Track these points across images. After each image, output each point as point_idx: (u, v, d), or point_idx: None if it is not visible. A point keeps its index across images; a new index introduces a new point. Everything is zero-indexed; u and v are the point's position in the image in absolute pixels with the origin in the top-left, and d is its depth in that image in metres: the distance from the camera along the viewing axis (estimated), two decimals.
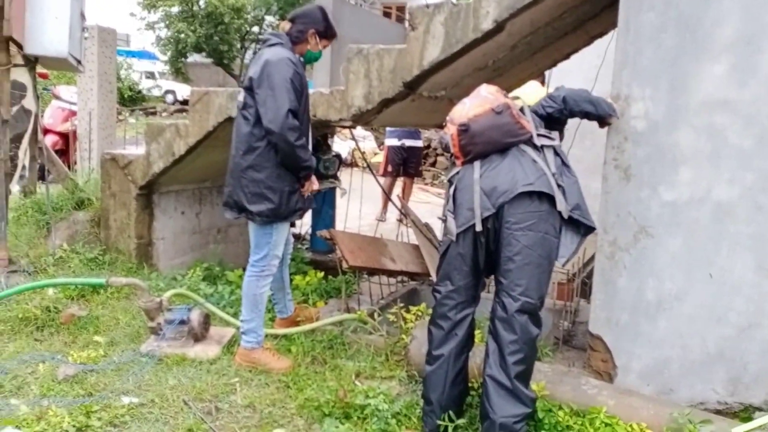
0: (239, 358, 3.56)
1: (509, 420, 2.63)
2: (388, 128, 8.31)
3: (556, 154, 2.84)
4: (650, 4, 3.14)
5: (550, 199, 2.70)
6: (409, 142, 8.16)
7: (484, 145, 2.77)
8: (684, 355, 3.21)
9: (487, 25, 3.56)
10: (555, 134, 2.94)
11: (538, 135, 2.85)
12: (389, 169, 8.17)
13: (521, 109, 2.93)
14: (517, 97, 3.00)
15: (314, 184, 3.60)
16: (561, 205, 2.70)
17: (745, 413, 3.08)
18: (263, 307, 3.60)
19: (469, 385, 3.06)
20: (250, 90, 3.37)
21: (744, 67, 2.98)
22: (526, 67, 5.25)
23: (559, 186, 2.72)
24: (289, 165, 3.39)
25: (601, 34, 5.17)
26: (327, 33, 3.61)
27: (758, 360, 3.08)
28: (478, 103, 2.81)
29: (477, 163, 2.79)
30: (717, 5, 3.00)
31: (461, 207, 2.78)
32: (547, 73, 5.97)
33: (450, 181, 2.94)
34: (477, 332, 3.12)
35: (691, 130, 3.11)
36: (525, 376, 2.71)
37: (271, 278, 3.61)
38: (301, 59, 3.54)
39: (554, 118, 3.10)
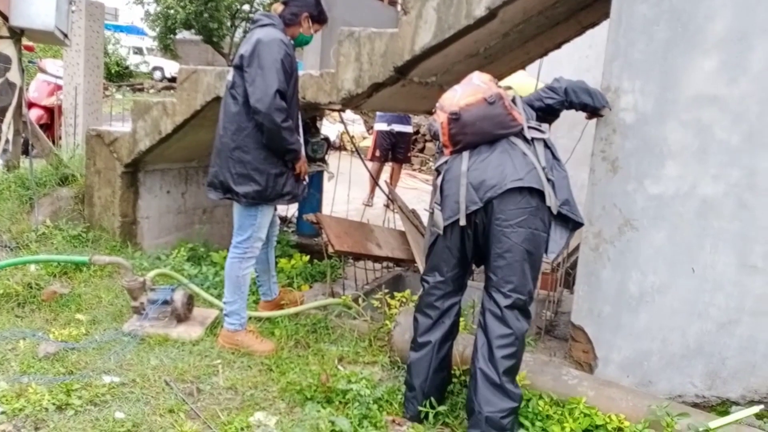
0: (222, 340, 3.55)
1: (496, 415, 2.66)
2: (377, 113, 8.27)
3: (547, 147, 2.82)
4: None
5: (540, 194, 2.69)
6: (398, 128, 8.14)
7: (474, 135, 2.74)
8: (664, 348, 3.24)
9: (479, 11, 3.54)
10: (545, 126, 2.92)
11: (529, 128, 2.83)
12: (377, 153, 8.15)
13: (513, 100, 2.90)
14: (509, 87, 2.98)
15: (304, 164, 3.58)
16: (551, 200, 2.69)
17: (722, 407, 3.12)
18: (246, 289, 3.57)
19: (451, 372, 3.09)
20: (239, 68, 3.33)
21: (734, 64, 2.98)
22: (517, 56, 5.23)
23: (549, 180, 2.71)
24: (274, 146, 3.35)
25: (593, 25, 5.16)
26: (320, 17, 3.59)
27: (736, 355, 3.12)
28: (471, 91, 2.77)
29: (465, 154, 2.77)
30: (709, 0, 3.00)
31: (448, 199, 2.76)
32: (537, 62, 5.96)
33: (438, 171, 2.92)
34: (461, 320, 3.13)
35: (679, 124, 3.12)
36: (513, 371, 2.73)
37: (253, 260, 3.59)
38: (292, 42, 3.50)
39: (553, 109, 3.10)
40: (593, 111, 3.23)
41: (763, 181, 2.99)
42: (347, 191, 6.38)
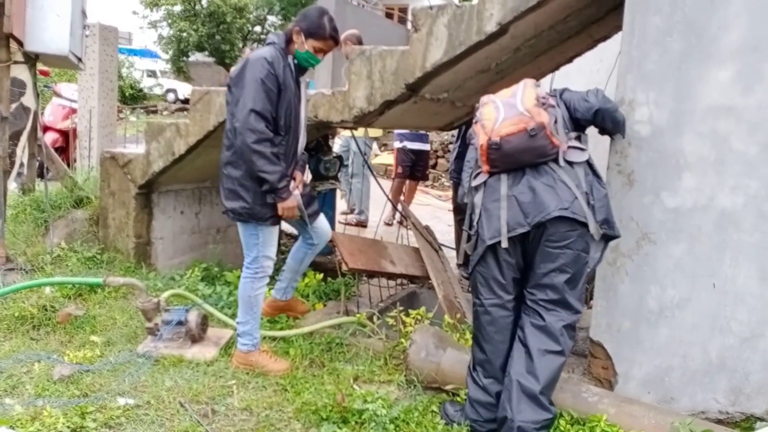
0: (236, 361, 3.53)
1: (530, 425, 2.70)
2: (396, 131, 8.23)
3: (587, 163, 2.85)
4: (656, 8, 3.11)
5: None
6: (416, 146, 8.06)
7: (514, 163, 2.79)
8: (685, 363, 3.18)
9: (490, 27, 3.53)
10: (585, 141, 2.92)
11: (570, 147, 2.83)
12: (400, 171, 8.09)
13: (560, 93, 2.99)
14: (538, 85, 2.97)
15: (288, 210, 3.36)
16: (593, 228, 2.75)
17: (746, 423, 3.05)
18: (259, 309, 3.54)
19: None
20: (229, 87, 3.35)
21: (750, 74, 2.95)
22: (529, 71, 5.21)
23: (590, 205, 2.75)
24: (249, 168, 3.26)
25: (604, 38, 5.14)
26: (311, 32, 3.36)
27: (760, 370, 3.05)
28: (514, 120, 2.76)
29: (504, 177, 2.82)
30: (723, 10, 2.97)
31: (492, 219, 2.79)
32: (549, 76, 5.94)
33: (476, 189, 2.93)
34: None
35: (695, 136, 3.08)
36: (552, 386, 2.80)
37: (266, 280, 3.53)
38: (293, 61, 3.41)
39: (579, 123, 3.07)
40: (608, 134, 3.23)
41: None
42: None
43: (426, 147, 8.32)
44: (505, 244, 2.75)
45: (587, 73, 6.04)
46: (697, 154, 3.08)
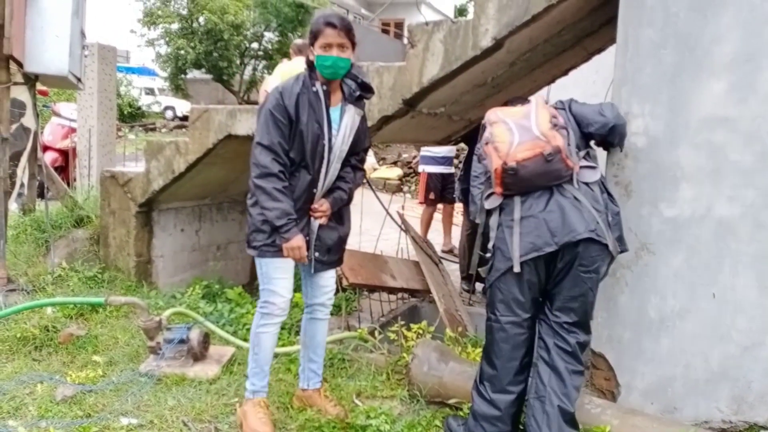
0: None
1: None
2: (422, 154, 8.09)
3: (601, 183, 2.86)
4: (649, 21, 3.15)
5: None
6: (444, 170, 7.90)
7: (528, 187, 2.76)
8: (687, 373, 3.19)
9: (486, 42, 3.57)
10: (595, 157, 2.93)
11: (582, 167, 2.84)
12: (432, 196, 7.80)
13: (568, 106, 2.99)
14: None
15: (292, 251, 2.93)
16: (613, 249, 2.76)
17: None
18: (263, 352, 3.07)
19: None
20: None
21: (744, 85, 2.98)
22: (524, 84, 5.26)
23: (608, 224, 2.76)
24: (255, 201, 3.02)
25: (599, 51, 5.19)
26: (311, 36, 2.97)
27: (762, 379, 3.05)
28: (529, 144, 2.71)
29: (517, 199, 2.78)
30: (716, 22, 3.01)
31: (515, 240, 2.74)
32: (545, 89, 5.99)
33: (490, 211, 2.87)
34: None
35: (691, 147, 3.10)
36: (577, 401, 2.84)
37: (275, 320, 3.06)
38: (324, 87, 2.98)
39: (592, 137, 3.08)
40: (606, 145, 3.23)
41: None
42: (360, 222, 6.38)
43: (452, 170, 8.16)
44: (517, 268, 2.70)
45: (583, 85, 6.09)
46: (694, 164, 3.10)
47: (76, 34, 5.07)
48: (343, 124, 3.04)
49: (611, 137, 3.06)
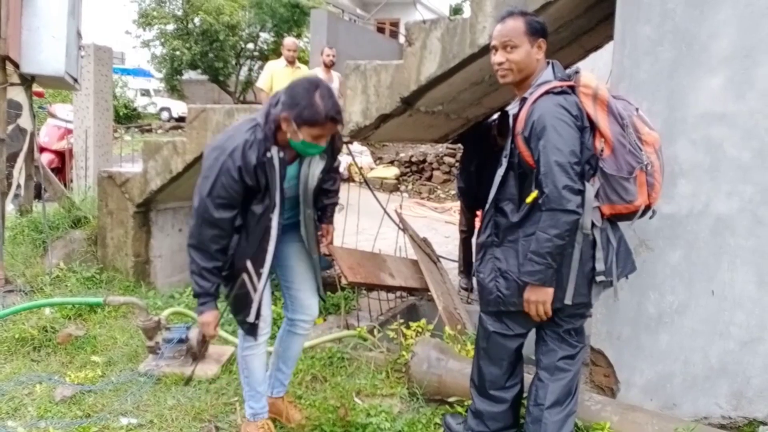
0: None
1: None
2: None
3: None
4: (646, 18, 3.15)
5: None
6: None
7: None
8: (686, 369, 3.19)
9: (483, 40, 3.57)
10: None
11: None
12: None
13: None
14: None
15: (206, 326, 2.71)
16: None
17: (749, 427, 3.06)
18: (254, 375, 2.92)
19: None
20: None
21: (741, 80, 2.99)
22: None
23: None
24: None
25: (595, 48, 5.20)
26: (303, 118, 2.50)
27: (761, 374, 3.06)
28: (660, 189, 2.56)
29: (610, 226, 2.63)
30: (713, 18, 3.02)
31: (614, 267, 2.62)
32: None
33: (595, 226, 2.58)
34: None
35: (689, 143, 3.11)
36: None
37: (260, 340, 2.88)
38: (272, 152, 2.59)
39: None
40: None
41: None
42: (357, 222, 6.38)
43: None
44: (617, 298, 2.76)
45: None
46: (692, 160, 3.11)
47: (73, 35, 5.07)
48: (302, 174, 2.78)
49: None
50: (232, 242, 2.67)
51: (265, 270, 2.73)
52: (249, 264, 2.69)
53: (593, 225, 2.53)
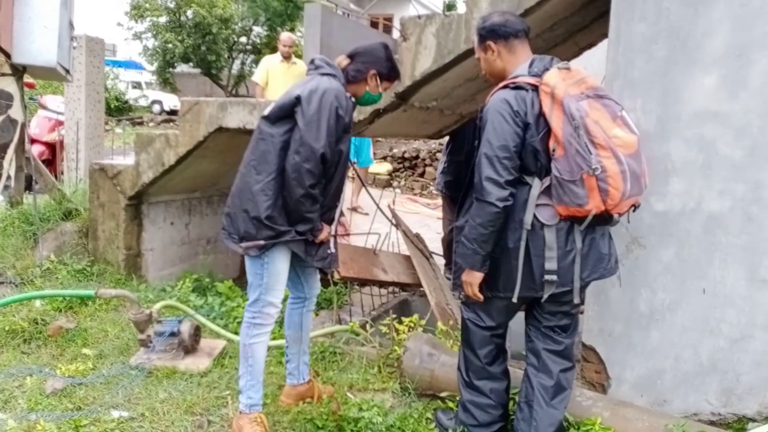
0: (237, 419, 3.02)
1: None
2: None
3: None
4: (641, 15, 3.16)
5: None
6: None
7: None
8: (677, 366, 3.21)
9: None
10: None
11: None
12: None
13: None
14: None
15: (326, 235, 3.01)
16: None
17: (738, 424, 3.09)
18: (257, 364, 2.97)
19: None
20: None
21: (735, 79, 3.00)
22: None
23: None
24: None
25: (590, 46, 5.21)
26: (390, 74, 3.08)
27: (751, 371, 3.09)
28: (635, 199, 2.50)
29: (577, 228, 2.56)
30: (707, 17, 3.03)
31: (561, 273, 2.58)
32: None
33: (549, 226, 2.57)
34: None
35: (682, 141, 3.12)
36: (569, 400, 2.84)
37: (268, 329, 3.00)
38: (353, 100, 3.01)
39: None
40: None
41: None
42: (349, 217, 6.39)
43: None
44: (577, 300, 2.63)
45: None
46: (685, 158, 3.12)
47: (65, 26, 5.03)
48: None
49: None
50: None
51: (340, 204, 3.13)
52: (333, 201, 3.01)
53: (542, 224, 2.53)
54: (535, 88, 2.53)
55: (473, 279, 2.63)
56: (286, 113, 2.83)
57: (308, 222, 2.83)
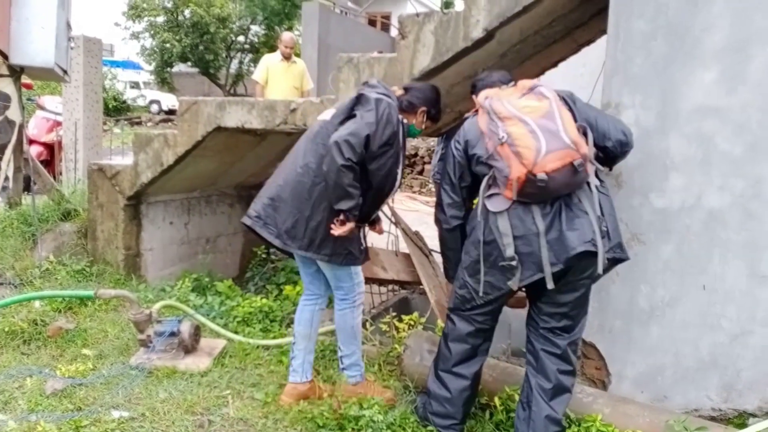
0: (344, 392, 3.19)
1: None
2: None
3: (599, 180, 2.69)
4: (640, 12, 3.16)
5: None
6: None
7: (547, 196, 2.54)
8: (677, 362, 3.21)
9: (477, 33, 3.57)
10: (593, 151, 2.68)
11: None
12: None
13: (573, 101, 2.74)
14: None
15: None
16: (600, 262, 2.55)
17: (739, 420, 3.09)
18: (361, 336, 3.38)
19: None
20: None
21: (733, 74, 3.00)
22: (515, 76, 5.25)
23: (602, 230, 2.56)
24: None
25: (588, 42, 5.21)
26: (435, 116, 3.27)
27: (751, 367, 3.09)
28: (560, 154, 2.46)
29: (537, 210, 2.56)
30: (706, 12, 3.02)
31: (526, 257, 2.58)
32: (534, 81, 5.99)
33: (496, 213, 2.63)
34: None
35: (681, 137, 3.12)
36: (567, 402, 2.83)
37: (360, 309, 3.32)
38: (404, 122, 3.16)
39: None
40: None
41: None
42: None
43: None
44: (550, 285, 2.55)
45: (571, 78, 6.10)
46: (684, 154, 3.12)
47: (62, 26, 5.02)
48: None
49: (620, 157, 2.81)
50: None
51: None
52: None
53: (494, 213, 2.63)
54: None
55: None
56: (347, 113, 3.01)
57: (351, 198, 2.86)
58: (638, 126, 3.19)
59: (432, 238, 6.61)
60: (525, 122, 2.51)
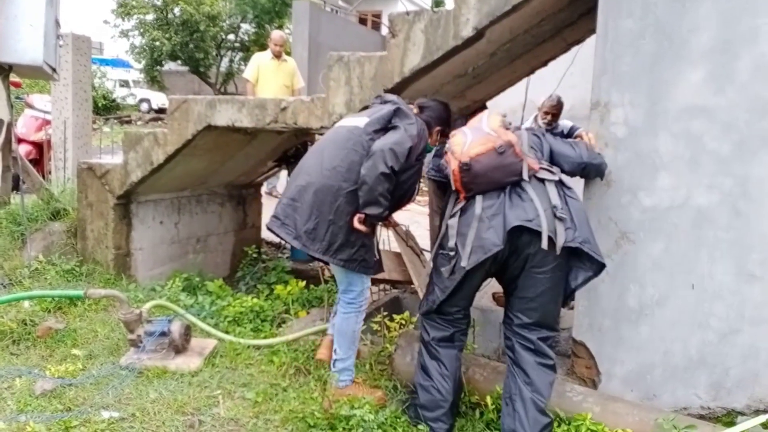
0: (334, 395, 3.21)
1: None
2: None
3: (561, 184, 2.86)
4: (628, 11, 3.17)
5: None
6: None
7: (487, 184, 2.81)
8: (666, 360, 3.23)
9: (467, 32, 3.57)
10: (556, 169, 2.94)
11: (541, 168, 2.88)
12: None
13: (542, 133, 3.09)
14: (504, 115, 3.03)
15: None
16: (560, 239, 2.71)
17: (727, 418, 3.11)
18: (358, 343, 3.45)
19: None
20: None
21: (721, 74, 3.02)
22: (504, 75, 5.28)
23: (560, 219, 2.73)
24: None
25: (578, 42, 5.22)
26: (445, 132, 3.36)
27: (739, 365, 3.11)
28: (481, 140, 2.83)
29: (479, 198, 2.83)
30: (694, 12, 3.04)
31: (470, 242, 2.79)
32: (525, 80, 6.01)
33: (452, 214, 2.93)
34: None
35: (670, 136, 3.14)
36: (550, 396, 2.89)
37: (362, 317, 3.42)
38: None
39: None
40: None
41: (756, 188, 3.01)
42: None
43: None
44: (464, 263, 2.77)
45: (560, 77, 6.12)
46: (673, 153, 3.14)
47: (51, 24, 4.98)
48: None
49: (586, 173, 3.19)
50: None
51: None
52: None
53: (450, 215, 2.93)
54: None
55: None
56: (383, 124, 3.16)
57: (380, 206, 2.99)
58: (627, 125, 3.21)
59: (423, 237, 6.62)
60: (462, 131, 2.95)
